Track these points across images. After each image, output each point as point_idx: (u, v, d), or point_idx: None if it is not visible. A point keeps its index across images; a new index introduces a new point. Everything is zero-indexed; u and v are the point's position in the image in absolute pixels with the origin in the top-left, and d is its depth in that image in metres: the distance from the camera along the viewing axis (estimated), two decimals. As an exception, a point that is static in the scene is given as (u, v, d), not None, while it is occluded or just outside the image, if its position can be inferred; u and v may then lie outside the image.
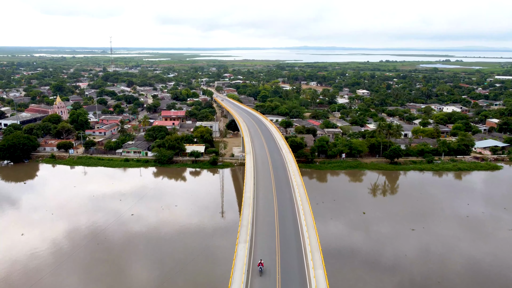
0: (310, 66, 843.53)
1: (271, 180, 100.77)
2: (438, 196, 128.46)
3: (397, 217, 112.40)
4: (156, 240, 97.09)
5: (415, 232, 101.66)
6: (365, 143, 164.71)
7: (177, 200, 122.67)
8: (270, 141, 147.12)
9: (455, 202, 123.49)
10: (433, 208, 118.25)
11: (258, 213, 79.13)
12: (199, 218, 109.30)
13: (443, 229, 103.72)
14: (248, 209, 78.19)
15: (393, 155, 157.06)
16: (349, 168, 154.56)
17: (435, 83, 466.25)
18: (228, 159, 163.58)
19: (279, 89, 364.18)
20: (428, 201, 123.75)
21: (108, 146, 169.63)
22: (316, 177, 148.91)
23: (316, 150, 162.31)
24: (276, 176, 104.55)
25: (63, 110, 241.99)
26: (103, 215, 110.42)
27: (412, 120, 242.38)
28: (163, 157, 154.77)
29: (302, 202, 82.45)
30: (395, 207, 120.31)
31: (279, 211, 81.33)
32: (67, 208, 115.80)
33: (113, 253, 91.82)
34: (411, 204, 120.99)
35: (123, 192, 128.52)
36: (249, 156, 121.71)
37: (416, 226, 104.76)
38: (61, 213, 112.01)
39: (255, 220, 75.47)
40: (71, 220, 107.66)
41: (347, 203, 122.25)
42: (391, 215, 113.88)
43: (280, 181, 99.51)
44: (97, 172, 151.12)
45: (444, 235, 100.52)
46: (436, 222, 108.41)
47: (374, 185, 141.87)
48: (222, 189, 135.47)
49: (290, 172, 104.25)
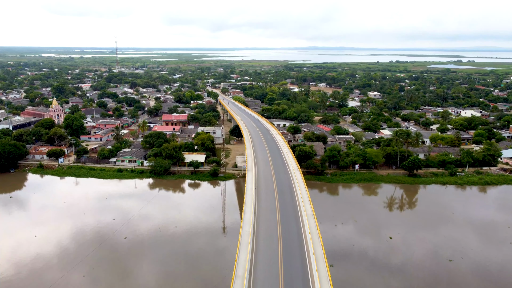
0: (319, 66, 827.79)
1: (276, 210, 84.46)
2: (474, 219, 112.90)
3: (427, 242, 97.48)
4: (153, 270, 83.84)
5: (462, 261, 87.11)
6: (381, 153, 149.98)
7: (174, 218, 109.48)
8: (276, 154, 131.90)
9: (502, 232, 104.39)
10: (477, 236, 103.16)
11: (258, 259, 63.59)
12: (198, 244, 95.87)
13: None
14: (245, 252, 63.94)
15: (412, 166, 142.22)
16: (363, 181, 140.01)
17: (449, 85, 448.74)
18: (231, 169, 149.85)
19: (287, 91, 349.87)
20: (464, 227, 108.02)
21: (101, 154, 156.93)
22: (328, 191, 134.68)
23: (327, 161, 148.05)
24: (282, 204, 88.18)
25: (60, 114, 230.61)
26: (93, 237, 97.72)
27: (429, 125, 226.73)
28: (159, 168, 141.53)
29: (313, 242, 67.25)
30: (424, 231, 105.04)
31: (285, 258, 64.38)
32: (52, 229, 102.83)
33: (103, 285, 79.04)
34: (444, 229, 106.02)
35: (116, 208, 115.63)
36: (250, 175, 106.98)
37: (456, 257, 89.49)
38: (45, 235, 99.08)
39: (253, 268, 60.55)
40: (57, 244, 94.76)
41: (369, 224, 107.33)
42: (423, 241, 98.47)
43: (287, 211, 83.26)
44: (87, 185, 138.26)
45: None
46: (492, 253, 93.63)
47: (391, 200, 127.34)
48: (223, 204, 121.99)
49: (298, 198, 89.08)
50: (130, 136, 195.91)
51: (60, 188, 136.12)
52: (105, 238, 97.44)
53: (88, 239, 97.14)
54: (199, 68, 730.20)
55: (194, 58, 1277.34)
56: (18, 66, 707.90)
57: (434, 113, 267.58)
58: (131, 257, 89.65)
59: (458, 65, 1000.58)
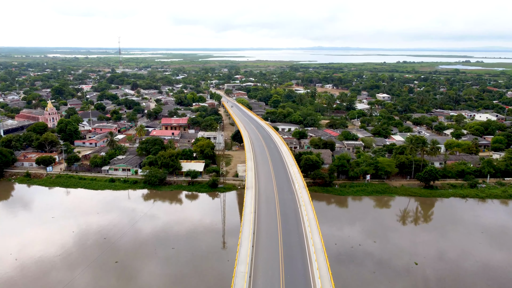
0: (325, 67, 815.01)
1: (279, 243, 70.83)
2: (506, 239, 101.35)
3: (458, 268, 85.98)
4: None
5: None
6: (394, 162, 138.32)
7: (169, 238, 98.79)
8: (280, 168, 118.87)
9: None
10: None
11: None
12: (199, 268, 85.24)
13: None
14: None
15: (428, 178, 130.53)
16: (375, 194, 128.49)
17: (460, 86, 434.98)
18: (231, 179, 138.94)
19: (292, 93, 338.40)
20: (498, 249, 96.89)
21: (93, 162, 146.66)
22: (338, 204, 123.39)
23: (335, 171, 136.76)
24: (285, 234, 74.08)
25: (55, 117, 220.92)
26: (82, 260, 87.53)
27: (442, 130, 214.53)
28: (153, 178, 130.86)
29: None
30: (453, 253, 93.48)
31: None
32: (37, 250, 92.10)
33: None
34: (476, 252, 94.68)
35: (106, 224, 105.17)
36: (250, 194, 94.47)
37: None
38: (28, 257, 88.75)
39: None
40: (39, 268, 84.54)
41: (391, 246, 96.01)
42: (453, 266, 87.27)
43: (291, 244, 69.84)
44: (76, 196, 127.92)
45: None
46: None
47: (407, 215, 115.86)
48: (223, 218, 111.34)
49: (305, 225, 76.34)
50: (127, 142, 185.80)
51: (47, 201, 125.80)
52: (94, 260, 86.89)
53: (76, 261, 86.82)
54: (203, 69, 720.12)
55: (199, 58, 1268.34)
56: (21, 67, 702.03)
57: (447, 116, 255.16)
58: (123, 282, 79.26)
59: (467, 65, 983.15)
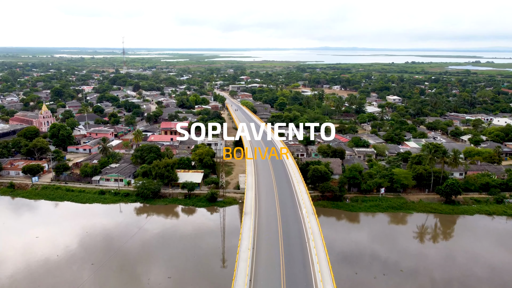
0: (332, 67, 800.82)
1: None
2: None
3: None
4: None
5: None
6: (411, 174, 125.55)
7: (163, 265, 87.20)
8: (285, 188, 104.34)
9: None
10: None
11: None
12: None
13: None
14: None
15: (450, 192, 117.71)
16: (391, 210, 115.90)
17: (473, 88, 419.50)
18: (232, 191, 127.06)
19: (299, 95, 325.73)
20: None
21: (83, 171, 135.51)
22: (349, 220, 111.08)
23: (346, 183, 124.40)
24: (289, 281, 60.51)
25: (50, 120, 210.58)
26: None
27: (459, 135, 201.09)
28: (146, 191, 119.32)
29: None
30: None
31: None
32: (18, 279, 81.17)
33: None
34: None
35: (92, 247, 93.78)
36: (247, 223, 79.38)
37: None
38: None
39: None
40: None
41: (420, 276, 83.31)
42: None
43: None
44: (61, 211, 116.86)
45: None
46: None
47: (426, 234, 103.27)
48: (223, 238, 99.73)
49: (315, 269, 62.80)
50: (123, 148, 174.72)
51: (29, 217, 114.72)
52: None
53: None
54: (208, 69, 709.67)
55: (205, 58, 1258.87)
56: (25, 67, 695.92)
57: (462, 120, 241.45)
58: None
59: (477, 66, 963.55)
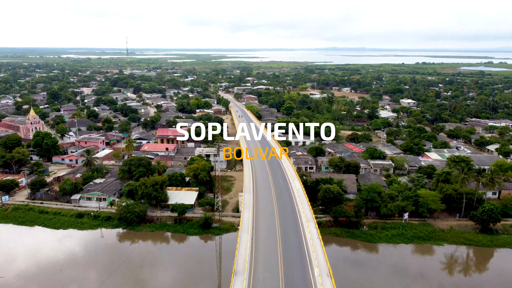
0: (341, 68, 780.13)
1: None
2: None
3: None
4: None
5: None
6: (439, 196, 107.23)
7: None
8: (290, 222, 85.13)
9: None
10: None
11: None
12: None
13: None
14: None
15: (487, 219, 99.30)
16: (417, 241, 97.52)
17: (491, 90, 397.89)
18: (230, 215, 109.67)
19: (307, 98, 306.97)
20: None
21: (62, 189, 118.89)
22: (369, 253, 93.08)
23: (363, 206, 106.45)
24: None
25: (39, 127, 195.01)
26: None
27: (485, 145, 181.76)
28: (129, 215, 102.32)
29: None
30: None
31: None
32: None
33: None
34: None
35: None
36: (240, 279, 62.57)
37: None
38: None
39: None
40: None
41: None
42: None
43: None
44: (32, 240, 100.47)
45: None
46: None
47: (459, 268, 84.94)
48: (219, 275, 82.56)
49: None
50: (113, 158, 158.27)
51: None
52: None
53: None
54: (214, 70, 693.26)
55: (212, 59, 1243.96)
56: (29, 68, 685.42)
57: (485, 127, 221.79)
58: None
59: (490, 66, 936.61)
